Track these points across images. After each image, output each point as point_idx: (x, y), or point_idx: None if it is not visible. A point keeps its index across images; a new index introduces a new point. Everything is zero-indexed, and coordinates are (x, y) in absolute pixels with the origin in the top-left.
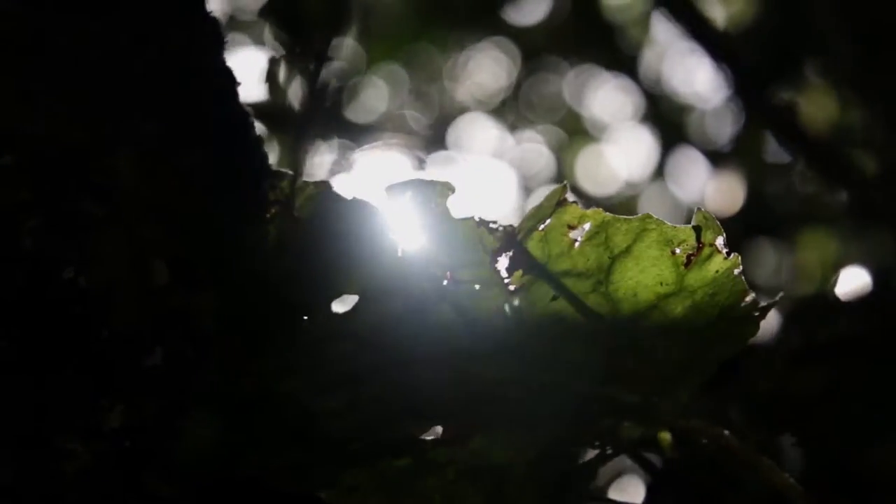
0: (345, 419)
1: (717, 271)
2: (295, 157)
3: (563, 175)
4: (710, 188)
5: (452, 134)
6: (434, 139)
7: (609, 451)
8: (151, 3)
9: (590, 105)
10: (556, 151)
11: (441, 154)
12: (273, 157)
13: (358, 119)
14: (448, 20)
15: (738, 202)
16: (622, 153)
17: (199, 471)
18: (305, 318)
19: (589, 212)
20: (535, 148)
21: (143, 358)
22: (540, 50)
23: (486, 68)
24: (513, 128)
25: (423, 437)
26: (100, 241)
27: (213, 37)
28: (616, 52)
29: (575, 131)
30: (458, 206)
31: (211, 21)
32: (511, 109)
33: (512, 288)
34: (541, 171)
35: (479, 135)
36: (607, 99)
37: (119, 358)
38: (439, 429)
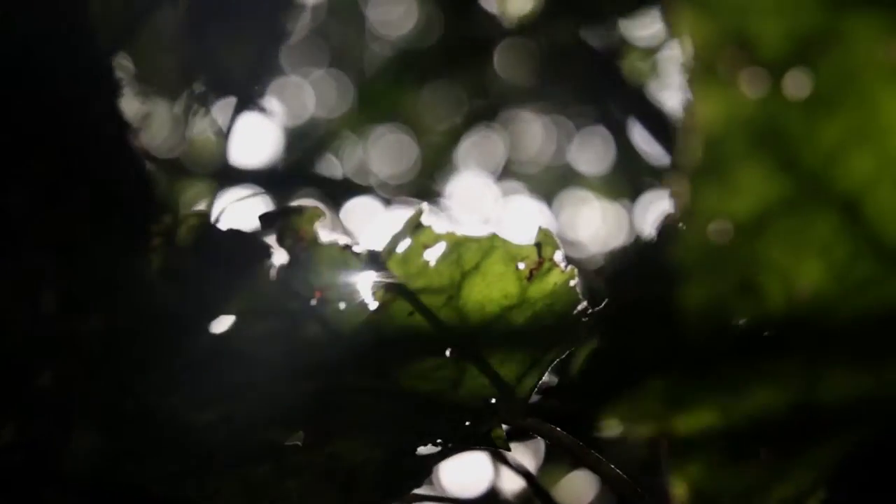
0: (218, 431)
1: (555, 283)
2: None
3: (559, 233)
4: None
5: (447, 193)
6: (428, 198)
7: (450, 447)
8: (43, 51)
9: (580, 159)
10: (552, 208)
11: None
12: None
13: (354, 178)
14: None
15: None
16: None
17: (85, 481)
18: (185, 338)
19: (444, 233)
20: (528, 204)
21: (32, 380)
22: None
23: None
24: (505, 185)
25: (285, 444)
26: None
27: (106, 82)
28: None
29: (567, 186)
30: (327, 232)
31: (106, 67)
32: (503, 166)
33: (374, 305)
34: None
35: (472, 193)
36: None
37: (10, 380)
38: (301, 435)
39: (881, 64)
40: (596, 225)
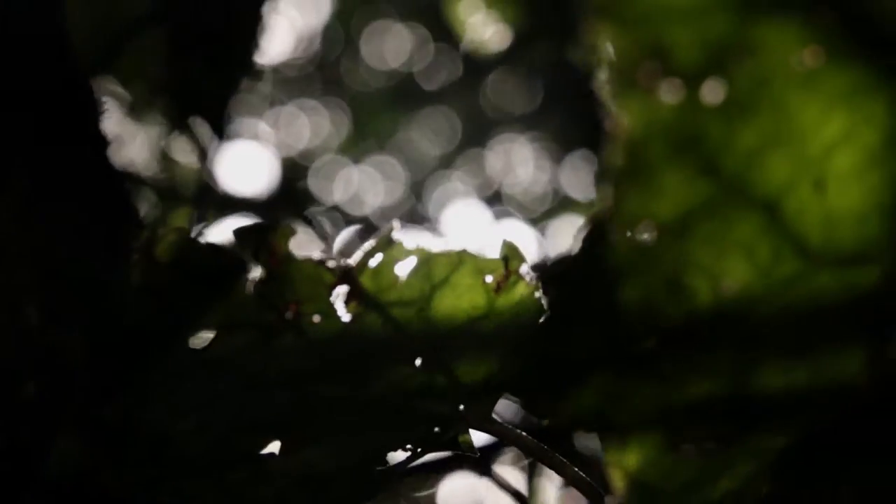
0: (195, 439)
1: (521, 295)
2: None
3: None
4: None
5: (437, 218)
6: (418, 224)
7: (419, 452)
8: (25, 68)
9: (569, 183)
10: (542, 233)
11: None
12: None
13: (348, 207)
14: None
15: None
16: None
17: (67, 487)
18: (164, 351)
19: (414, 248)
20: (519, 228)
21: (17, 390)
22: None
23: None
24: (496, 210)
25: (261, 451)
26: None
27: (88, 101)
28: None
29: (557, 211)
30: (301, 247)
31: (86, 86)
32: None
33: (347, 318)
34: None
35: (463, 218)
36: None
37: None
38: (277, 443)
39: (793, 71)
40: None
